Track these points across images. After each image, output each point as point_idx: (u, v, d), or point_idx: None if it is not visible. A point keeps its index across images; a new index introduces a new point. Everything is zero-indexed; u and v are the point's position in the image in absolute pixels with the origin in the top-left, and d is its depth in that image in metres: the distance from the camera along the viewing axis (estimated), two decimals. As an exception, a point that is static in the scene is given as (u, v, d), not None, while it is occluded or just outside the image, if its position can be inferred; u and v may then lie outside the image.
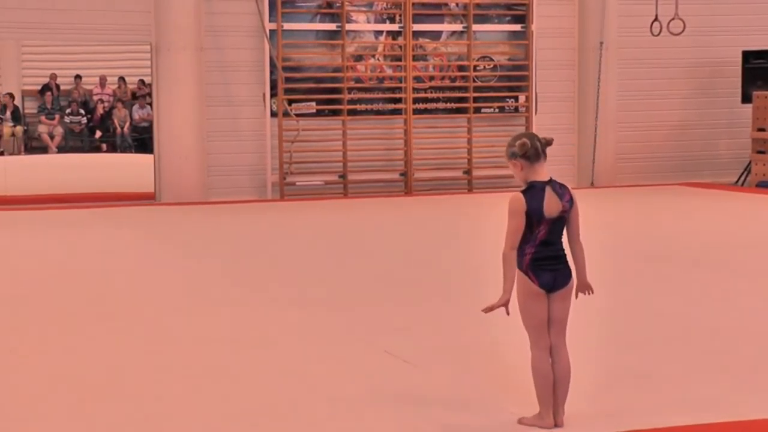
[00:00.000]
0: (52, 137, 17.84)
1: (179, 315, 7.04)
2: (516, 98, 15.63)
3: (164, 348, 6.12)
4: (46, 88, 17.97)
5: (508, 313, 4.56)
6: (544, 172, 4.58)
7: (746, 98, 15.71)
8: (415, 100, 15.16)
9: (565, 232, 4.61)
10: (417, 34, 15.18)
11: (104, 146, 18.25)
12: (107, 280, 8.36)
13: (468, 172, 15.29)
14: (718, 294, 7.64)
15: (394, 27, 15.15)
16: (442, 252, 9.80)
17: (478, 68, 15.44)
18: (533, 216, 4.50)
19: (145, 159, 15.04)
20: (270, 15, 14.42)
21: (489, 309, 4.56)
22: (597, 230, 11.23)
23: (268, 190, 14.51)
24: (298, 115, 14.57)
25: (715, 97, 16.46)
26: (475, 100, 15.37)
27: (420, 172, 15.11)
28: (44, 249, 10.15)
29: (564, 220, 4.57)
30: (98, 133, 18.29)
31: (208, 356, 5.91)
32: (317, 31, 14.96)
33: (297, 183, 14.60)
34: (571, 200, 4.58)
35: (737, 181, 16.01)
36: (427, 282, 8.23)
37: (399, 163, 15.10)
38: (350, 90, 14.93)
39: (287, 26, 14.60)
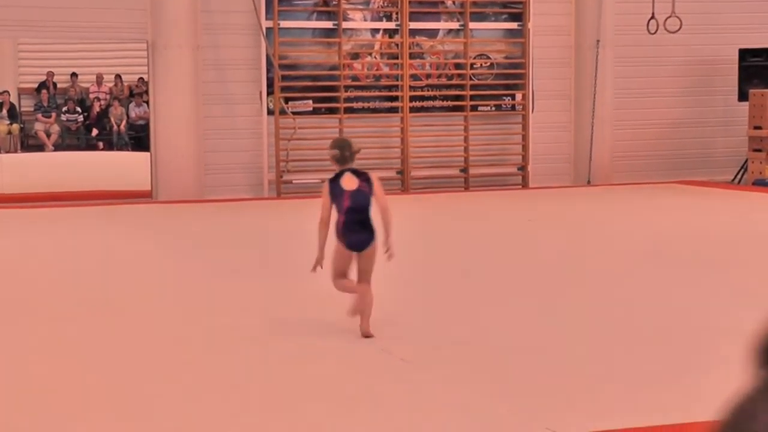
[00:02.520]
0: (48, 135, 17.83)
1: (176, 313, 7.04)
2: (513, 96, 15.61)
3: (162, 346, 6.12)
4: (42, 86, 17.95)
5: (314, 270, 6.06)
6: (351, 167, 6.06)
7: (743, 96, 15.71)
8: (412, 98, 15.14)
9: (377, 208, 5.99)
10: (414, 32, 15.17)
11: (101, 144, 18.24)
12: (103, 278, 8.35)
13: (465, 170, 15.28)
14: (714, 292, 7.64)
15: (391, 25, 15.14)
16: (438, 250, 9.80)
17: (474, 66, 15.43)
18: (336, 190, 5.98)
19: (141, 157, 15.03)
20: (266, 13, 14.40)
21: (312, 268, 6.07)
22: (593, 228, 11.24)
23: (265, 188, 14.50)
24: (294, 113, 14.56)
25: (711, 95, 16.47)
26: (472, 98, 15.35)
27: (416, 171, 15.10)
28: (40, 247, 10.14)
29: (364, 194, 6.00)
30: (95, 131, 18.28)
31: (206, 355, 5.91)
32: (314, 29, 14.95)
33: (293, 181, 14.59)
34: (369, 180, 6.04)
35: (734, 180, 16.02)
36: (423, 281, 8.22)
37: (395, 162, 15.10)
38: (347, 88, 14.92)
39: (284, 24, 14.59)
